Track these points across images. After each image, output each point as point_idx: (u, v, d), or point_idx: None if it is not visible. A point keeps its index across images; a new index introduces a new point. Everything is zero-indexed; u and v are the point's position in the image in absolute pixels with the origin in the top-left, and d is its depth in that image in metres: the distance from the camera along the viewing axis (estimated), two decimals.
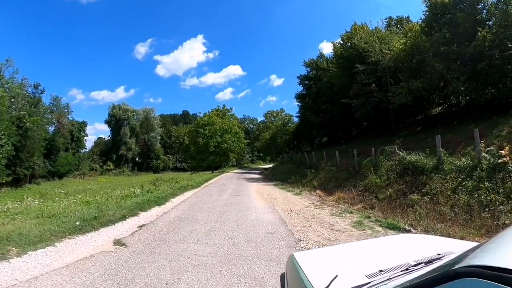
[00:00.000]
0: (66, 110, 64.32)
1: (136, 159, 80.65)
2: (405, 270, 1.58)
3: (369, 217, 9.71)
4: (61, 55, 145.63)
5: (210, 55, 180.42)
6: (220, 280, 5.05)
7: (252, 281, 4.99)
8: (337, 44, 33.17)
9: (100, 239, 7.87)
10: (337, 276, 1.76)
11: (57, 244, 7.22)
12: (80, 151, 67.58)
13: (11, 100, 36.54)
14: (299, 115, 47.81)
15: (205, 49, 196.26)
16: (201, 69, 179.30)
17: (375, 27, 30.87)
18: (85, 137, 70.59)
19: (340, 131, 38.31)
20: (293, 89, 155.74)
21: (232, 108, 69.05)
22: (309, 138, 46.90)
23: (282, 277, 2.73)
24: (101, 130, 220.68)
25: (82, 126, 69.09)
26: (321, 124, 37.21)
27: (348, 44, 30.35)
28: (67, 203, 13.58)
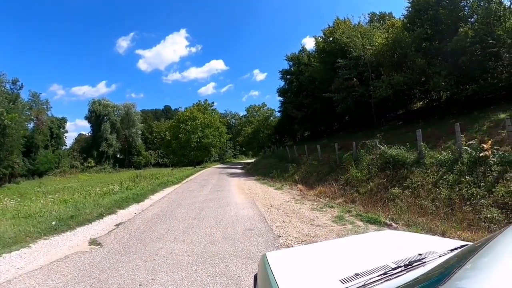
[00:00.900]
0: (45, 106, 62.55)
1: (117, 155, 78.95)
2: (383, 275, 1.48)
3: (350, 211, 9.62)
4: (41, 50, 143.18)
5: (193, 49, 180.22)
6: (195, 280, 4.92)
7: (228, 280, 4.85)
8: (319, 38, 33.12)
9: (75, 239, 7.62)
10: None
11: (32, 245, 6.98)
12: (60, 148, 65.73)
13: None
14: (281, 109, 47.76)
15: (187, 43, 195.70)
16: (183, 64, 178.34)
17: (357, 23, 31.00)
18: (65, 134, 68.95)
19: (322, 125, 38.44)
20: (276, 83, 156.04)
21: (213, 103, 68.70)
22: (291, 133, 46.99)
23: (255, 278, 2.57)
24: (82, 126, 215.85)
25: (62, 122, 67.30)
26: (303, 119, 37.28)
27: (330, 38, 30.32)
28: (44, 202, 13.20)
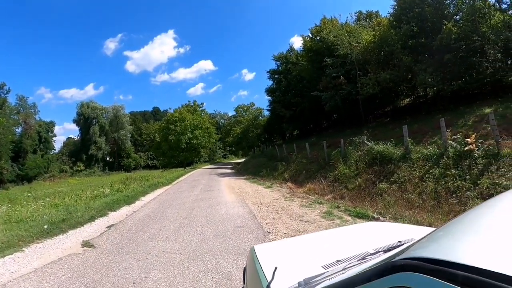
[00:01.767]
0: (33, 110, 61.63)
1: (107, 158, 78.16)
2: (361, 260, 1.54)
3: (338, 207, 9.71)
4: (27, 52, 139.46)
5: (181, 50, 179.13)
6: (188, 277, 4.98)
7: (220, 275, 4.93)
8: (306, 38, 33.08)
9: (68, 242, 7.58)
10: (276, 268, 1.71)
11: (25, 249, 6.92)
12: (49, 152, 64.45)
13: None
14: (269, 109, 47.71)
15: (176, 44, 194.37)
16: (172, 65, 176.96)
17: (345, 21, 31.15)
18: (53, 138, 67.73)
19: (310, 123, 38.52)
20: (264, 83, 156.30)
21: (203, 104, 68.71)
22: (280, 132, 46.99)
23: (245, 270, 2.64)
24: (70, 130, 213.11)
25: (50, 126, 66.19)
26: (292, 117, 37.29)
27: (318, 38, 30.32)
28: (35, 206, 12.97)
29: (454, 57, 17.13)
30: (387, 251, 1.54)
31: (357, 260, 1.55)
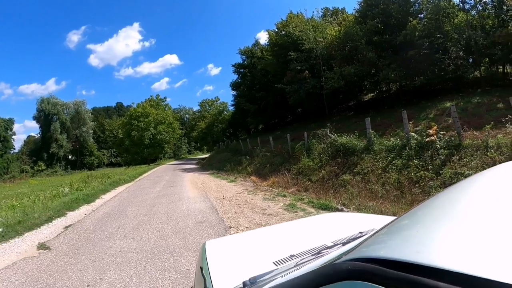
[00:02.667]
0: None
1: (69, 157, 74.39)
2: (317, 254, 1.38)
3: (302, 199, 9.66)
4: None
5: (146, 44, 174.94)
6: (144, 277, 4.81)
7: (177, 274, 4.78)
8: (272, 32, 33.10)
9: (24, 245, 7.14)
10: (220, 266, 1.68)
11: None
12: (9, 152, 60.62)
13: None
14: (234, 103, 47.47)
15: (141, 37, 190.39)
16: (136, 59, 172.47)
17: (311, 17, 31.28)
18: (13, 136, 63.61)
19: (275, 118, 38.62)
20: (230, 78, 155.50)
21: (166, 98, 67.20)
22: (245, 126, 46.89)
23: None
24: (31, 127, 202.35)
25: (9, 123, 62.08)
26: (256, 112, 37.27)
27: (283, 32, 30.38)
28: None
29: (418, 53, 17.60)
30: (346, 243, 1.35)
31: (312, 255, 1.39)
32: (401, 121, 10.10)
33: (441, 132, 8.75)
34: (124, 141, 55.48)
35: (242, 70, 43.41)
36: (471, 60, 18.31)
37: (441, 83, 18.45)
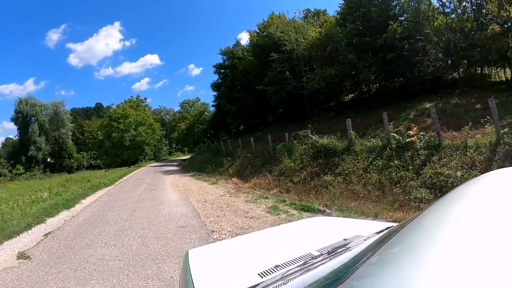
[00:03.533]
0: None
1: (48, 159, 72.46)
2: (303, 265, 1.34)
3: (284, 201, 9.63)
4: None
5: (127, 43, 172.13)
6: (127, 285, 4.73)
7: (161, 282, 4.70)
8: (253, 33, 33.15)
9: (3, 254, 6.86)
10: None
11: None
12: None
13: None
14: (215, 104, 47.30)
15: (121, 37, 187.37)
16: (116, 58, 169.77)
17: (292, 18, 31.43)
18: None
19: (256, 118, 38.67)
20: (211, 78, 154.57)
21: (146, 99, 66.48)
22: (225, 127, 46.78)
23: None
24: (9, 129, 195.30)
25: None
26: (237, 112, 37.16)
27: (265, 33, 30.41)
28: None
29: (398, 55, 17.97)
30: (331, 253, 1.38)
31: (298, 266, 1.34)
32: (382, 122, 10.22)
33: (421, 133, 8.88)
34: (104, 143, 54.58)
35: (223, 70, 43.29)
36: (450, 62, 18.71)
37: (420, 84, 18.84)
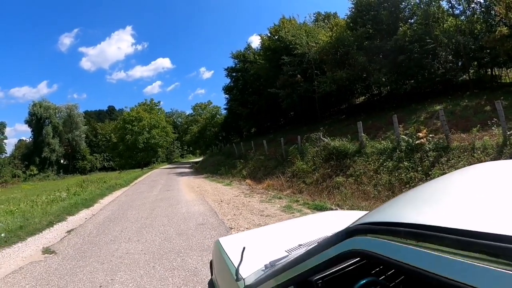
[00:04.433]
0: None
1: (61, 161, 73.31)
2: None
3: (297, 201, 9.91)
4: None
5: (139, 47, 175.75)
6: (154, 276, 4.93)
7: (186, 272, 4.93)
8: (264, 37, 33.39)
9: (28, 249, 7.17)
10: (245, 247, 1.79)
11: None
12: (0, 156, 60.66)
13: None
14: (227, 107, 47.58)
15: (133, 41, 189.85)
16: (128, 62, 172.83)
17: (303, 22, 31.59)
18: (4, 140, 63.46)
19: (267, 121, 38.68)
20: (222, 81, 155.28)
21: (159, 102, 66.88)
22: (237, 130, 46.92)
23: (211, 264, 2.76)
24: (22, 131, 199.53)
25: (1, 128, 61.98)
26: (249, 115, 37.35)
27: (276, 37, 30.63)
28: None
29: (408, 58, 18.01)
30: None
31: (317, 243, 1.60)
32: (392, 124, 10.41)
33: (430, 135, 9.08)
34: (118, 145, 54.95)
35: (234, 74, 43.52)
36: (460, 64, 18.76)
37: (430, 86, 18.89)
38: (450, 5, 19.65)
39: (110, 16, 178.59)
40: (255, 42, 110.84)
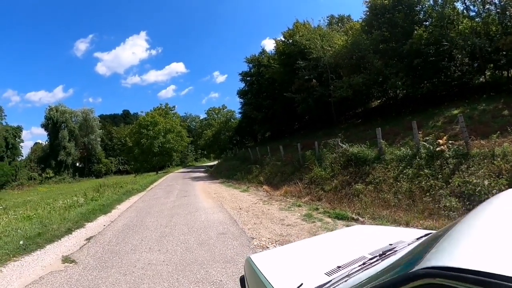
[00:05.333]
0: None
1: (77, 164, 75.21)
2: (362, 265, 1.60)
3: (317, 209, 9.91)
4: None
5: (153, 52, 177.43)
6: None
7: (211, 285, 4.87)
8: (279, 41, 33.46)
9: (47, 258, 7.14)
10: (302, 284, 1.73)
11: (2, 269, 6.45)
12: (17, 159, 61.70)
13: None
14: (241, 111, 47.76)
15: (148, 46, 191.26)
16: (143, 67, 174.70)
17: (317, 25, 31.55)
18: (21, 144, 64.86)
19: (282, 125, 38.58)
20: (236, 85, 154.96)
21: (174, 107, 67.74)
22: (251, 134, 47.04)
23: (242, 280, 2.71)
24: (38, 134, 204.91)
25: (17, 131, 63.19)
26: (263, 119, 37.48)
27: (290, 41, 30.71)
28: (7, 220, 12.05)
29: (424, 61, 17.94)
30: (382, 255, 1.65)
31: (358, 266, 1.61)
32: (410, 129, 10.36)
33: (450, 141, 9.05)
34: (133, 149, 55.58)
35: (249, 78, 43.73)
36: (476, 66, 18.58)
37: (447, 89, 18.74)
38: (464, 6, 19.51)
39: (125, 22, 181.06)
40: (268, 45, 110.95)
